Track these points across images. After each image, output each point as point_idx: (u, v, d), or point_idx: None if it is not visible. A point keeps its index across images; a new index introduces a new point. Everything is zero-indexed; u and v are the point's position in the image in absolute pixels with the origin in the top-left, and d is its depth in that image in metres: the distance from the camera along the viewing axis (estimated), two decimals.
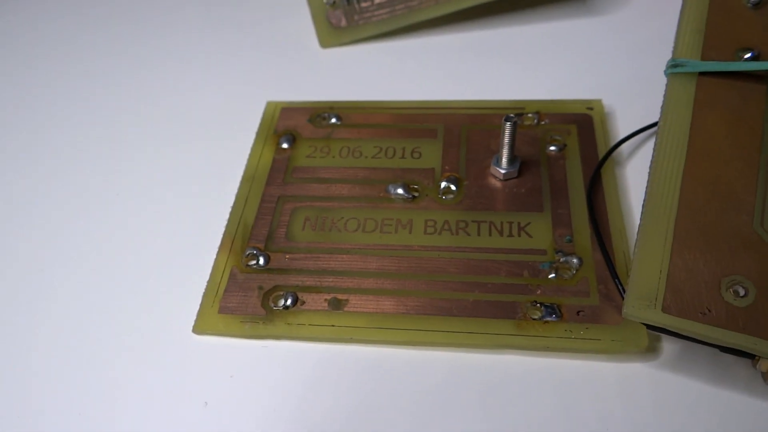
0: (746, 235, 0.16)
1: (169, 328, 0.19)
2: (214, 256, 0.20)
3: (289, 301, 0.19)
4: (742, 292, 0.15)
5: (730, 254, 0.15)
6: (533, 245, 0.20)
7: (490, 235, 0.20)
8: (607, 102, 0.24)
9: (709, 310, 0.15)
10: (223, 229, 0.21)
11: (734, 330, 0.15)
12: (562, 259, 0.19)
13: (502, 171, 0.21)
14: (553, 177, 0.21)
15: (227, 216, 0.22)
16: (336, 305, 0.19)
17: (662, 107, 0.18)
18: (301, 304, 0.19)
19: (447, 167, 0.22)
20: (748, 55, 0.18)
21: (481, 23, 0.28)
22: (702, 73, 0.18)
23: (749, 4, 0.19)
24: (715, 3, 0.19)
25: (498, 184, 0.21)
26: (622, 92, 0.24)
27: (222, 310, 0.19)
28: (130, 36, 0.31)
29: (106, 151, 0.25)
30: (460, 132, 0.23)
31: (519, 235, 0.20)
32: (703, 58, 0.18)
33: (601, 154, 0.22)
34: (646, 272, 0.15)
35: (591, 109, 0.24)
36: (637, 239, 0.16)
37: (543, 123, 0.23)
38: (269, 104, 0.26)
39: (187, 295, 0.20)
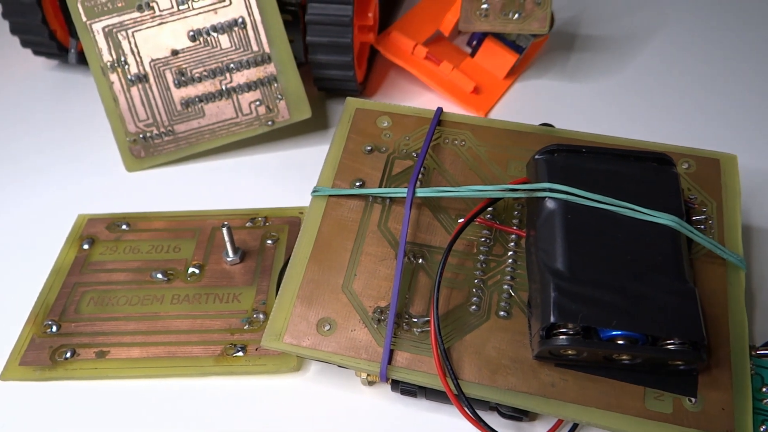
0: (336, 293, 0.26)
1: None
2: (21, 328, 0.29)
3: (68, 354, 0.28)
4: (327, 327, 0.26)
5: (326, 304, 0.26)
6: (240, 308, 0.30)
7: (214, 302, 0.30)
8: None
9: (309, 339, 0.25)
10: (31, 308, 0.30)
11: (320, 350, 0.25)
12: (255, 316, 0.29)
13: (228, 259, 0.32)
14: (265, 262, 0.32)
15: (35, 298, 0.31)
16: (101, 355, 0.28)
17: (305, 217, 0.29)
18: (77, 356, 0.28)
19: (196, 257, 0.32)
20: (358, 183, 0.29)
21: (241, 150, 0.39)
22: (331, 195, 0.29)
23: (365, 151, 0.30)
24: (346, 150, 0.30)
25: (228, 268, 0.32)
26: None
27: (22, 363, 0.28)
28: None
29: None
30: (210, 232, 0.34)
31: (232, 302, 0.30)
32: (333, 186, 0.29)
33: None
34: (278, 319, 0.26)
35: (302, 213, 0.35)
36: (276, 298, 0.27)
37: (267, 224, 0.34)
38: (79, 216, 0.35)
39: None
